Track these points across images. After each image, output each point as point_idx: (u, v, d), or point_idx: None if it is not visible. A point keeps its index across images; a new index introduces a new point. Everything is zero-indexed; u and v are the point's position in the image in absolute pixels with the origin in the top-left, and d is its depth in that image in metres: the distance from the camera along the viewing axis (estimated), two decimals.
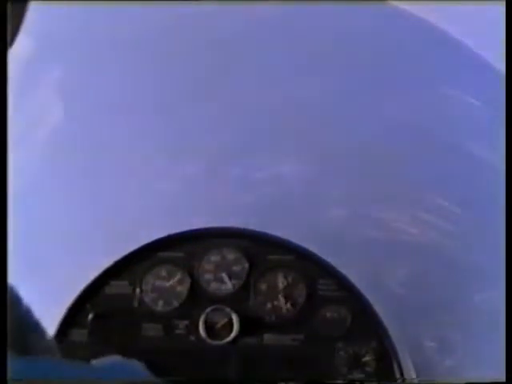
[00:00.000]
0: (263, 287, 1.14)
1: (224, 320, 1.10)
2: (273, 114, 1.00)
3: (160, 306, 1.14)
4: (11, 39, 0.40)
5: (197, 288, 1.14)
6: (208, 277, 1.15)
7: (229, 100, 1.00)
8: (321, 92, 0.95)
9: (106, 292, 1.14)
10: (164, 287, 1.14)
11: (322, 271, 1.13)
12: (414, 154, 1.00)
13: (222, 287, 1.14)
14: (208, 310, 1.10)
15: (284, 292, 1.13)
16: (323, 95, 0.96)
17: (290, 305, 1.12)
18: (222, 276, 1.15)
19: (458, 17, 0.78)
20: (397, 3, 0.80)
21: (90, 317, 1.11)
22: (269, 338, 1.12)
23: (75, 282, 1.13)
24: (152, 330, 1.13)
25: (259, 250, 1.16)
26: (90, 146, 1.07)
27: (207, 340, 1.09)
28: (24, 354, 0.36)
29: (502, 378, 0.56)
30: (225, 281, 1.14)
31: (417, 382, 1.10)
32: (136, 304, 1.14)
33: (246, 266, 1.15)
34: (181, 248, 1.17)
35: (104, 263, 1.14)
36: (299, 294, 1.13)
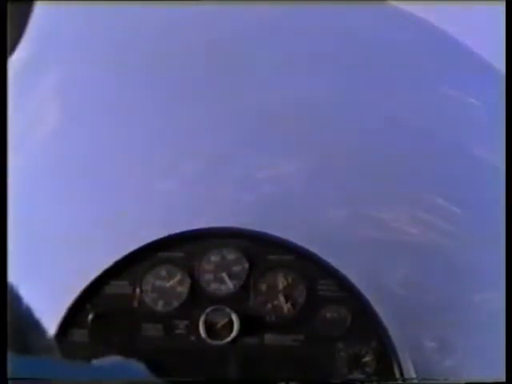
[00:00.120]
0: (263, 287, 1.14)
1: (224, 320, 1.09)
2: (273, 114, 1.00)
3: (160, 306, 1.13)
4: (15, 41, 0.39)
5: (197, 288, 1.14)
6: (208, 277, 1.15)
7: (229, 100, 1.00)
8: (321, 92, 0.95)
9: (106, 292, 1.14)
10: (164, 287, 1.14)
11: (322, 271, 1.13)
12: (413, 154, 1.00)
13: (222, 287, 1.14)
14: (208, 310, 1.10)
15: (284, 292, 1.13)
16: (323, 95, 0.96)
17: (290, 305, 1.12)
18: (222, 276, 1.15)
19: (458, 17, 0.78)
20: (397, 3, 0.80)
21: (90, 317, 1.11)
22: (269, 338, 1.12)
23: (75, 282, 1.13)
24: (152, 330, 1.12)
25: (259, 250, 1.16)
26: (90, 146, 1.07)
27: (207, 340, 1.09)
28: (24, 353, 0.36)
29: (501, 378, 0.56)
30: (225, 281, 1.14)
31: (417, 382, 1.10)
32: (136, 304, 1.14)
33: (246, 266, 1.15)
34: (181, 248, 1.16)
35: (104, 263, 1.14)
36: (299, 294, 1.13)
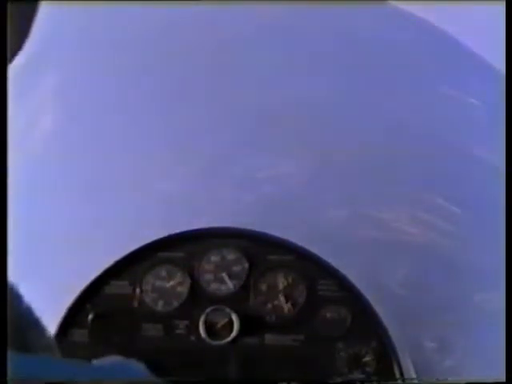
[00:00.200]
0: (263, 287, 1.14)
1: (224, 320, 1.09)
2: (273, 114, 1.00)
3: (160, 306, 1.13)
4: (20, 43, 0.39)
5: (197, 288, 1.14)
6: (208, 277, 1.15)
7: (229, 100, 1.00)
8: (321, 92, 0.95)
9: (106, 292, 1.14)
10: (164, 287, 1.14)
11: (322, 271, 1.13)
12: (413, 154, 1.01)
13: (222, 287, 1.14)
14: (208, 310, 1.10)
15: (284, 292, 1.13)
16: (323, 95, 0.96)
17: (290, 305, 1.12)
18: (222, 276, 1.15)
19: (458, 17, 0.78)
20: (397, 3, 0.80)
21: (90, 317, 1.11)
22: (269, 338, 1.12)
23: (75, 282, 1.13)
24: (152, 330, 1.12)
25: (259, 250, 1.16)
26: (89, 146, 1.07)
27: (207, 340, 1.09)
28: (24, 352, 0.36)
29: (501, 378, 0.56)
30: (225, 281, 1.14)
31: (417, 382, 1.10)
32: (136, 304, 1.14)
33: (246, 266, 1.15)
34: (181, 248, 1.16)
35: (104, 263, 1.14)
36: (299, 294, 1.13)
